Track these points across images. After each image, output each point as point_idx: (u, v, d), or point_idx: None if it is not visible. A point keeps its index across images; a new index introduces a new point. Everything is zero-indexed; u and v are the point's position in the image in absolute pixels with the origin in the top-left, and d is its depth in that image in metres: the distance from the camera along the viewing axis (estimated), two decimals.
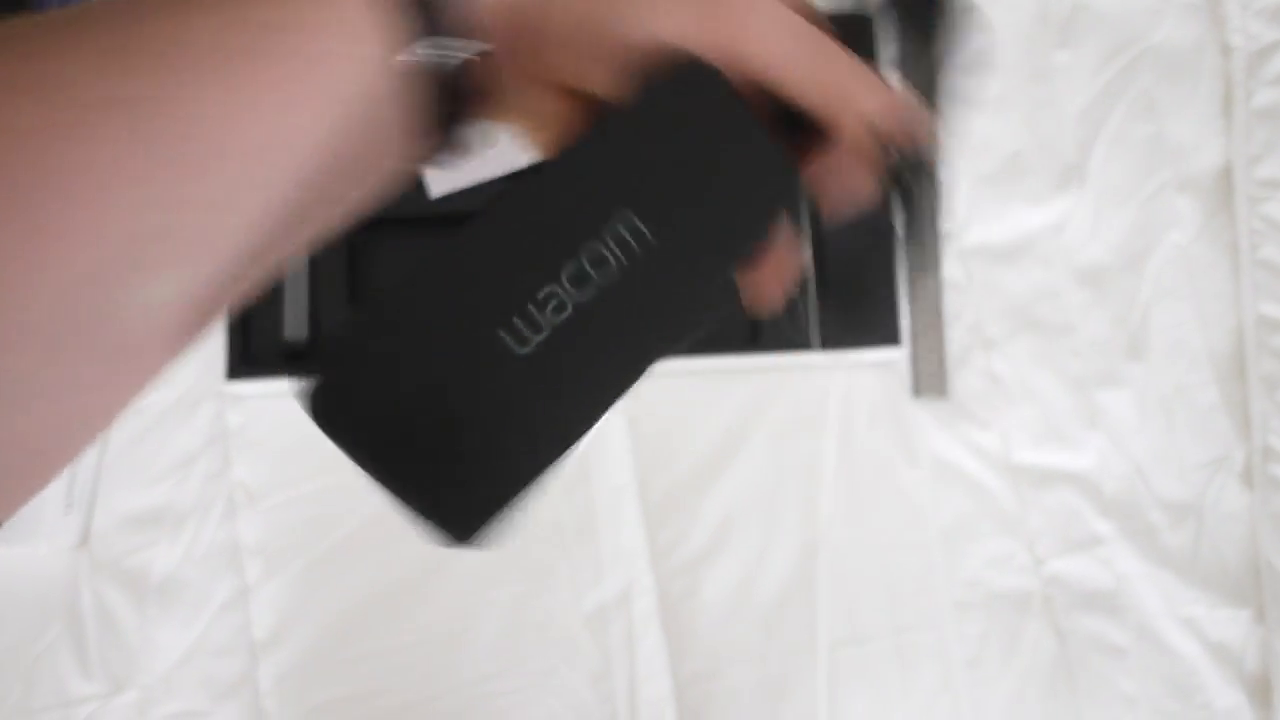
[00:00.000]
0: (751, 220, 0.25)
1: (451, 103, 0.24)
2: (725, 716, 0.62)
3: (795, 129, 0.25)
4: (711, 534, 0.64)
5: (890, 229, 0.66)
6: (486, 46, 0.24)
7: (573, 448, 0.25)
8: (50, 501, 0.61)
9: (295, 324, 0.62)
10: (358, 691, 0.61)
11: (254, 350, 0.63)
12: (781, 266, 0.26)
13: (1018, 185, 0.70)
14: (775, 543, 0.64)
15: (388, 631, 0.61)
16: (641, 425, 0.65)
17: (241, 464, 0.64)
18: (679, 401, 0.66)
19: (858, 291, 0.65)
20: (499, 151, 0.63)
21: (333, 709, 0.60)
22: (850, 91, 0.24)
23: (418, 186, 0.64)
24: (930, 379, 0.67)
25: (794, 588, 0.64)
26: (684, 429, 0.66)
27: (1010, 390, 0.67)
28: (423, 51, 0.23)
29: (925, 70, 0.40)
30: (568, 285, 0.24)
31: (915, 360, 0.67)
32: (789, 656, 0.63)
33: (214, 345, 0.63)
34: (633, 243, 0.24)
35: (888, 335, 0.65)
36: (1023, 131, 0.71)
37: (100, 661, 0.61)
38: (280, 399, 0.65)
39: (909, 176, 0.25)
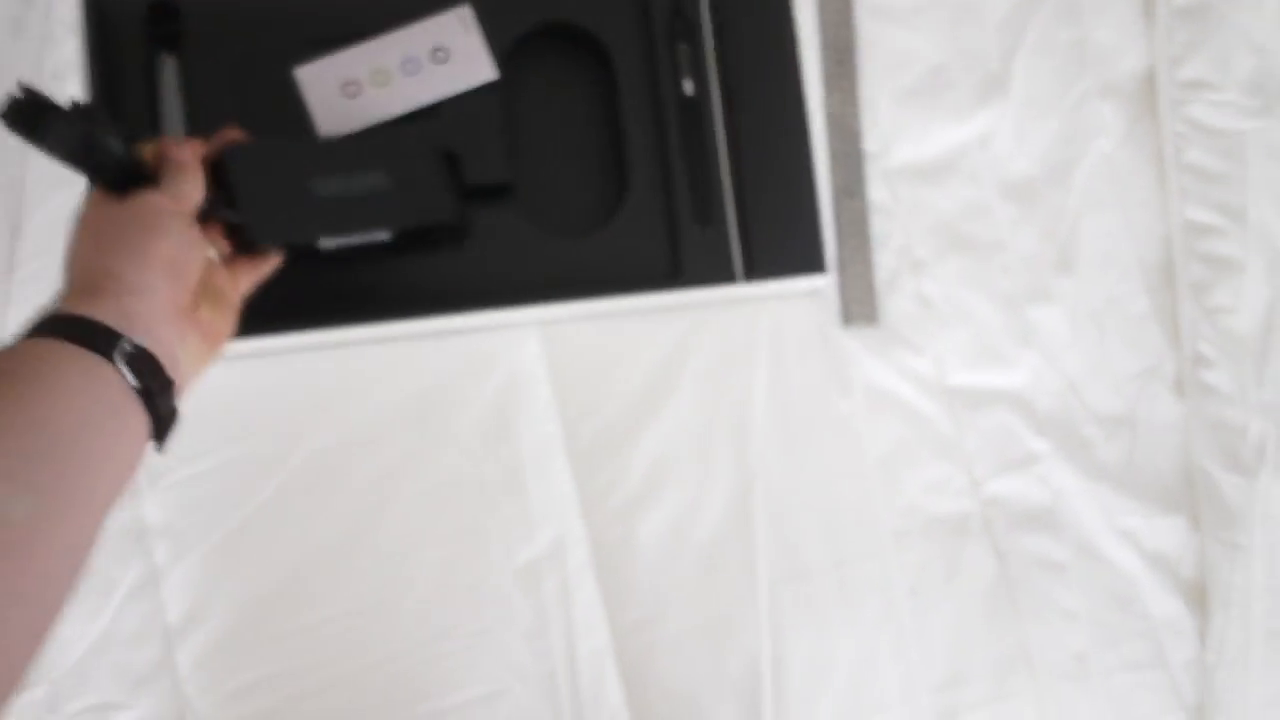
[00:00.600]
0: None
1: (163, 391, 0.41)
2: (668, 664, 0.60)
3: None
4: (644, 478, 0.62)
5: (807, 155, 0.64)
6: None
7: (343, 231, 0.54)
8: None
9: None
10: (286, 669, 0.58)
11: None
12: None
13: (940, 99, 0.68)
14: (710, 482, 0.63)
15: (312, 605, 0.59)
16: (564, 371, 0.63)
17: None
18: (602, 344, 0.63)
19: (779, 218, 0.63)
20: (370, 99, 0.60)
21: (260, 689, 0.58)
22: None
23: (307, 128, 0.60)
24: (860, 306, 0.66)
25: (731, 527, 0.62)
26: (609, 372, 0.63)
27: (941, 312, 0.66)
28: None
29: None
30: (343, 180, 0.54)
31: (843, 287, 0.65)
32: (730, 597, 0.61)
33: None
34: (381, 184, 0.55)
35: (813, 263, 0.62)
36: (944, 43, 0.68)
37: None
38: None
39: None
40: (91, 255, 0.42)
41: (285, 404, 0.60)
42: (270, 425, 0.60)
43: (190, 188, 0.45)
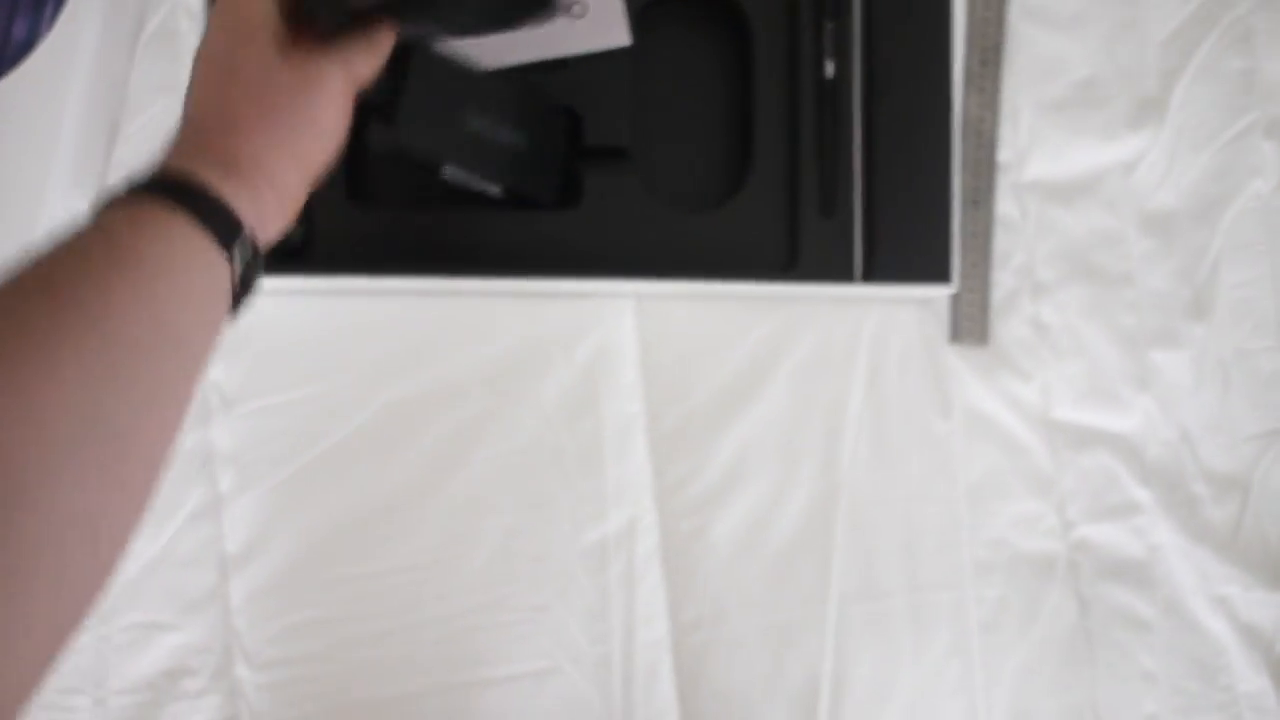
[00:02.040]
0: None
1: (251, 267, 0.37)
2: (726, 665, 0.58)
3: None
4: (724, 472, 0.60)
5: (946, 156, 0.60)
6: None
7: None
8: None
9: None
10: (335, 615, 0.57)
11: None
12: None
13: (1088, 117, 0.63)
14: (791, 486, 0.60)
15: (370, 555, 0.57)
16: (656, 351, 0.60)
17: (217, 365, 0.58)
18: (699, 328, 0.61)
19: (908, 220, 0.59)
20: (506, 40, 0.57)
21: (307, 631, 0.57)
22: None
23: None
24: (971, 323, 0.62)
25: (808, 535, 0.60)
26: (701, 357, 0.61)
27: (1057, 342, 0.62)
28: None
29: None
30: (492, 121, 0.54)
31: (956, 301, 0.62)
32: (797, 607, 0.59)
33: None
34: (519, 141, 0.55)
35: (938, 272, 0.59)
36: (1100, 56, 0.64)
37: None
38: (266, 298, 0.58)
39: None
40: (246, 124, 0.36)
41: (370, 347, 0.58)
42: (352, 367, 0.58)
43: (370, 71, 0.41)
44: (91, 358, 0.27)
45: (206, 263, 0.33)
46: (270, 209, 0.37)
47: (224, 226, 0.34)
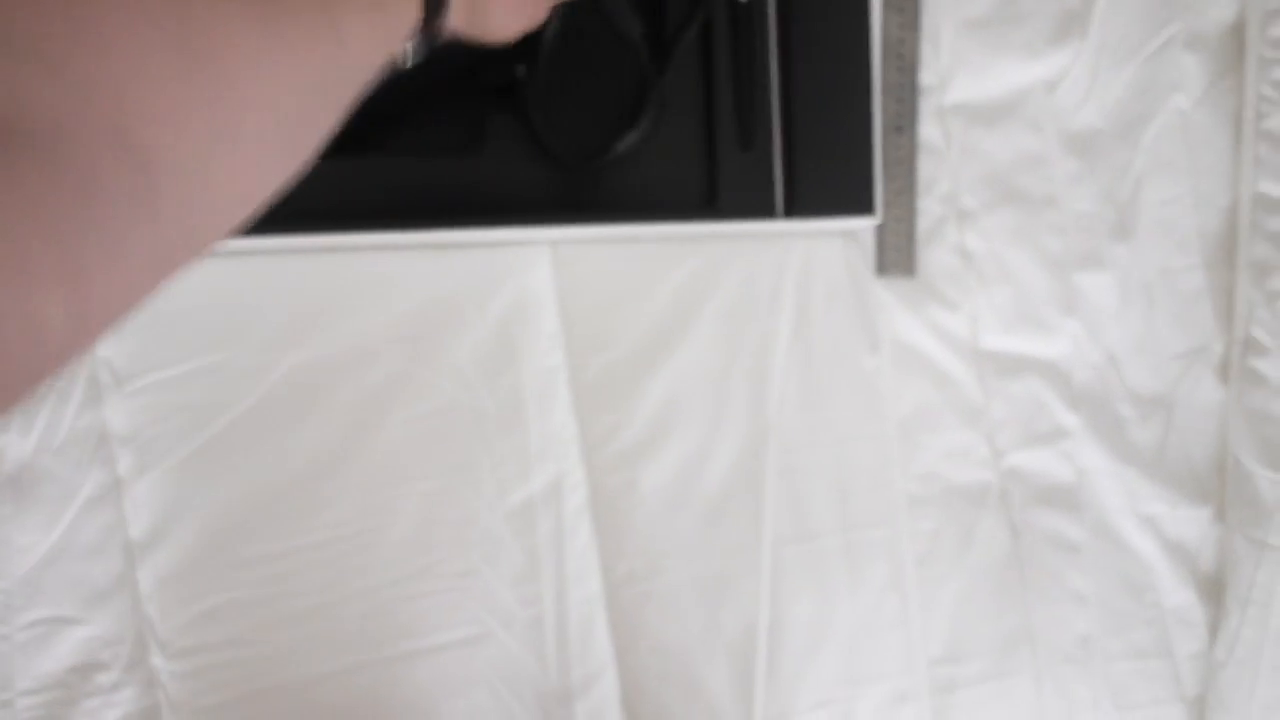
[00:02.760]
0: None
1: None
2: (661, 618, 0.57)
3: None
4: (651, 422, 0.58)
5: (867, 81, 0.57)
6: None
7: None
8: None
9: None
10: (252, 596, 0.54)
11: None
12: None
13: (1010, 34, 0.61)
14: (720, 432, 0.59)
15: (285, 531, 0.55)
16: (575, 300, 0.57)
17: (105, 339, 0.54)
18: (618, 273, 0.58)
19: (830, 150, 0.57)
20: None
21: (223, 614, 0.54)
22: None
23: None
24: (897, 254, 0.61)
25: (739, 481, 0.58)
26: (622, 304, 0.58)
27: (983, 269, 0.61)
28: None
29: None
30: None
31: (882, 233, 0.60)
32: (731, 554, 0.58)
33: None
34: None
35: (862, 203, 0.57)
36: None
37: None
38: None
39: None
40: None
41: (271, 311, 0.55)
42: (253, 333, 0.55)
43: None
44: (319, 68, 0.28)
45: (409, 22, 0.34)
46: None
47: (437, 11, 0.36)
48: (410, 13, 0.34)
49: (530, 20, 0.44)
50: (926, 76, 0.61)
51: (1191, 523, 0.61)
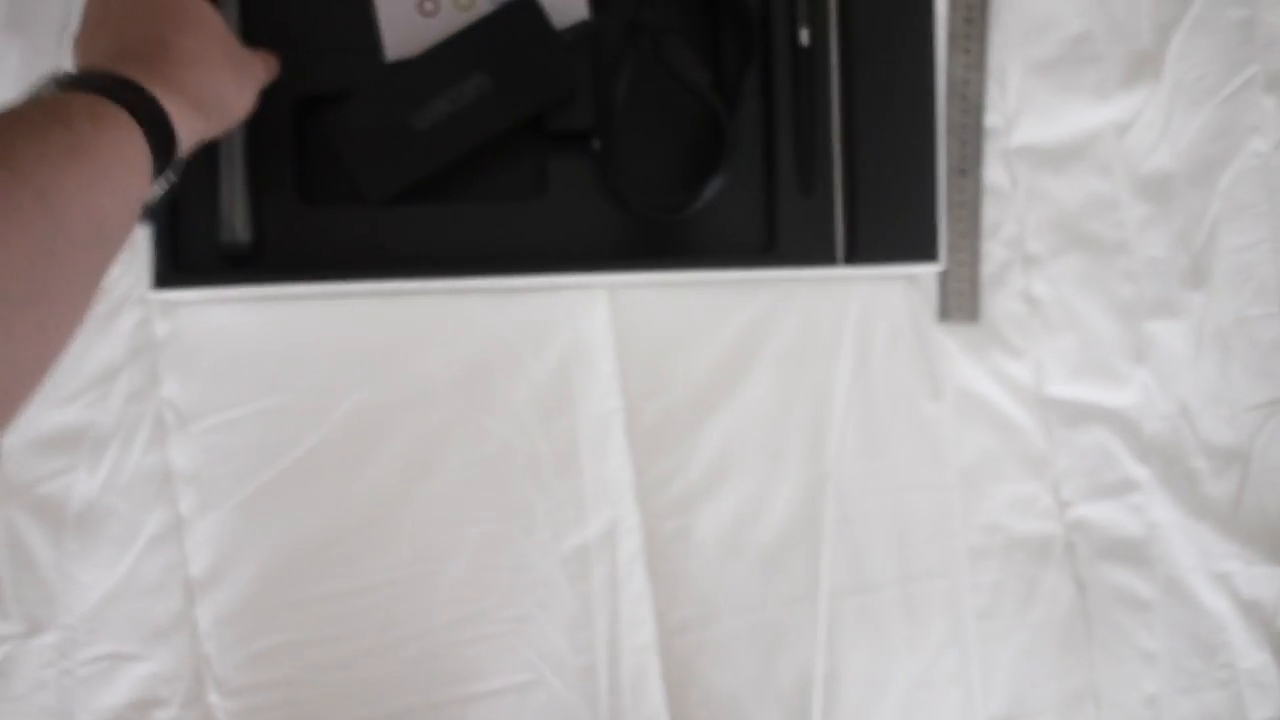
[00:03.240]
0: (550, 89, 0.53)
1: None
2: (715, 668, 0.56)
3: None
4: (707, 468, 0.57)
5: (930, 123, 0.57)
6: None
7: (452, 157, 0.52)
8: None
9: (235, 226, 0.52)
10: (310, 637, 0.55)
11: (185, 254, 0.53)
12: None
13: (1080, 75, 0.60)
14: (778, 479, 0.58)
15: (341, 572, 0.55)
16: (632, 344, 0.57)
17: (171, 380, 0.55)
18: (676, 318, 0.58)
19: (892, 195, 0.56)
20: (441, 19, 0.53)
21: (282, 654, 0.54)
22: None
23: (371, 57, 0.54)
24: (960, 300, 0.59)
25: (796, 530, 0.57)
26: (680, 349, 0.58)
27: (1049, 316, 0.59)
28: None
29: None
30: (448, 101, 0.51)
31: (945, 278, 0.59)
32: (787, 605, 0.57)
33: (137, 246, 0.53)
34: (485, 86, 0.51)
35: (925, 250, 0.56)
36: (1092, 9, 0.60)
37: (15, 599, 0.54)
38: (216, 307, 0.55)
39: None
40: (181, 48, 0.40)
41: (330, 354, 0.55)
42: (313, 376, 0.55)
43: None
44: (36, 239, 0.29)
45: (144, 169, 0.36)
46: (194, 129, 0.40)
47: (163, 140, 0.37)
48: (132, 145, 0.35)
49: (257, 81, 0.47)
50: (992, 118, 0.60)
51: (1267, 581, 0.59)
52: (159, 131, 0.36)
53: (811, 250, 0.55)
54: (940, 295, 0.59)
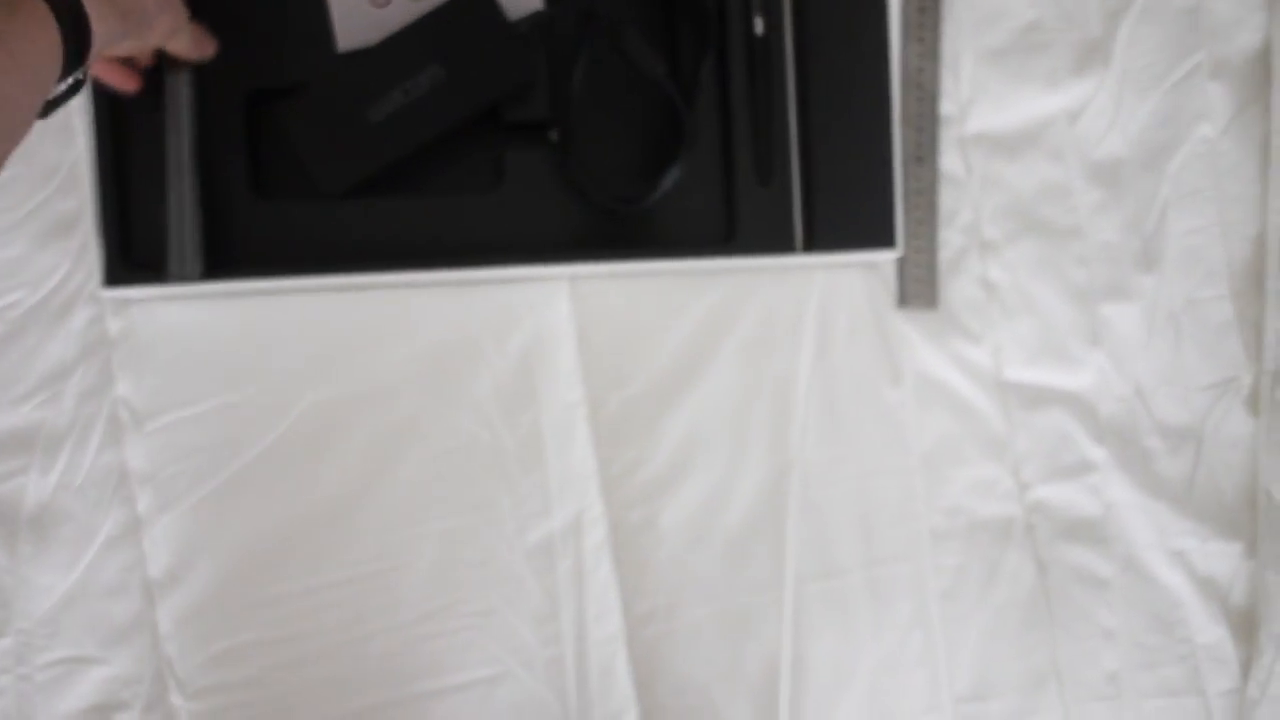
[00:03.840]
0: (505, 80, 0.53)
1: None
2: (682, 657, 0.57)
3: None
4: (671, 458, 0.58)
5: (886, 112, 0.57)
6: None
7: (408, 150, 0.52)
8: None
9: (185, 255, 0.51)
10: (272, 636, 0.54)
11: (136, 250, 0.52)
12: None
13: (1031, 63, 0.61)
14: (742, 467, 0.58)
15: (304, 570, 0.54)
16: (593, 335, 0.57)
17: (125, 379, 0.54)
18: (636, 307, 0.58)
19: (849, 183, 0.56)
20: (394, 11, 0.53)
21: (243, 654, 0.54)
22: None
23: (325, 48, 0.53)
24: (919, 286, 0.60)
25: (761, 517, 0.58)
26: (642, 339, 0.58)
27: (1006, 301, 0.60)
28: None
29: None
30: (402, 93, 0.51)
31: (903, 265, 0.60)
32: (753, 592, 0.57)
33: (85, 241, 0.52)
34: (439, 77, 0.51)
35: (882, 236, 0.56)
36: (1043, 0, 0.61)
37: None
38: (170, 303, 0.55)
39: None
40: None
41: (290, 350, 0.55)
42: (272, 372, 0.55)
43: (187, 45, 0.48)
44: None
45: (55, 61, 0.36)
46: (111, 31, 0.39)
47: (78, 36, 0.37)
48: (45, 36, 0.35)
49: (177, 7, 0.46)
50: (947, 106, 0.60)
51: (1223, 558, 0.60)
52: (75, 26, 0.36)
53: (771, 239, 0.56)
54: (899, 282, 0.60)
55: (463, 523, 0.55)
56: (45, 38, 0.35)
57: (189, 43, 0.48)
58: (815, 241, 0.56)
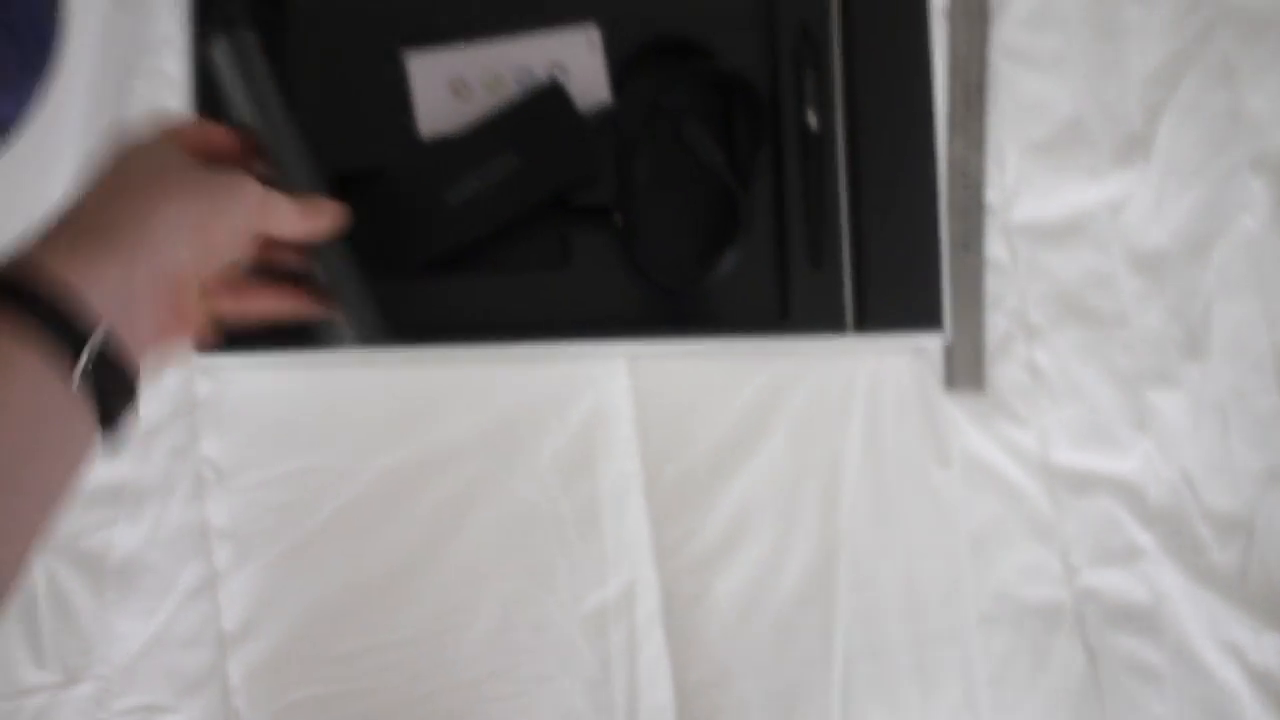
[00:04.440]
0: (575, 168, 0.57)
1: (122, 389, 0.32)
2: None
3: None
4: (723, 531, 0.59)
5: (933, 200, 0.60)
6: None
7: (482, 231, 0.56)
8: None
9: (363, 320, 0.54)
10: (336, 691, 0.56)
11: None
12: None
13: (1074, 156, 0.63)
14: (792, 543, 0.59)
15: (370, 628, 0.57)
16: (651, 410, 0.60)
17: (211, 439, 0.58)
18: (693, 385, 0.60)
19: (897, 267, 0.59)
20: (473, 102, 0.57)
21: (308, 709, 0.56)
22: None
23: (406, 134, 0.57)
24: (966, 369, 0.62)
25: (811, 593, 0.59)
26: (697, 415, 0.60)
27: (1053, 385, 0.62)
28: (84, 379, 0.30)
29: None
30: (479, 178, 0.55)
31: (950, 348, 0.62)
32: (802, 667, 0.58)
33: None
34: (514, 164, 0.55)
35: (930, 319, 0.58)
36: (1084, 95, 0.64)
37: (54, 649, 0.56)
38: (255, 369, 0.58)
39: None
40: (126, 191, 0.33)
41: (362, 417, 0.58)
42: (345, 438, 0.58)
43: (289, 224, 0.43)
44: None
45: (41, 376, 0.29)
46: (144, 277, 0.33)
47: (59, 320, 0.30)
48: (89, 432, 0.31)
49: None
50: (992, 196, 0.63)
51: (1277, 650, 0.59)
52: (67, 329, 0.30)
53: (822, 320, 0.58)
54: (946, 365, 0.62)
55: (521, 587, 0.57)
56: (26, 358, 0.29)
57: (294, 217, 0.43)
58: (865, 323, 0.58)
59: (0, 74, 0.56)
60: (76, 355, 0.29)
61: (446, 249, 0.56)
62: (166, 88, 0.60)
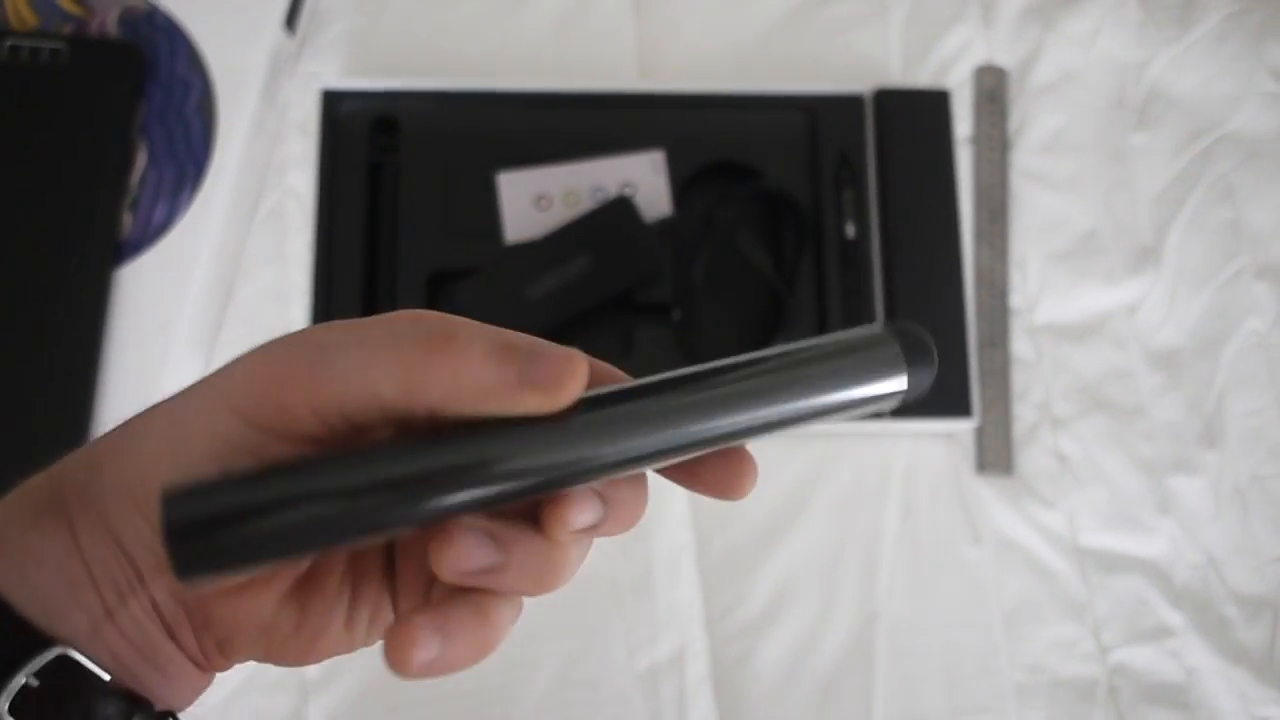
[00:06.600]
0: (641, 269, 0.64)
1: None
2: None
3: None
4: (768, 600, 0.64)
5: (961, 303, 0.66)
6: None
7: (558, 322, 0.63)
8: None
9: None
10: None
11: None
12: None
13: (1091, 264, 0.70)
14: (833, 613, 0.63)
15: (438, 680, 0.61)
16: None
17: None
18: None
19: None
20: (553, 212, 0.65)
21: None
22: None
23: (496, 239, 0.66)
24: (995, 454, 0.67)
25: (851, 661, 0.62)
26: None
27: (1078, 471, 0.66)
28: None
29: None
30: (557, 276, 0.63)
31: (980, 435, 0.67)
32: None
33: None
34: (587, 265, 0.63)
35: (960, 407, 0.64)
36: (1098, 211, 0.71)
37: None
38: None
39: None
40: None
41: None
42: None
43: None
44: None
45: None
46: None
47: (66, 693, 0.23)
48: None
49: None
50: (1016, 299, 0.69)
51: None
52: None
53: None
54: (977, 450, 0.67)
55: (580, 643, 0.62)
56: None
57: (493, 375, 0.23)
58: (901, 410, 0.64)
59: (161, 186, 0.66)
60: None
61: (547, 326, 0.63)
62: (292, 199, 0.70)
